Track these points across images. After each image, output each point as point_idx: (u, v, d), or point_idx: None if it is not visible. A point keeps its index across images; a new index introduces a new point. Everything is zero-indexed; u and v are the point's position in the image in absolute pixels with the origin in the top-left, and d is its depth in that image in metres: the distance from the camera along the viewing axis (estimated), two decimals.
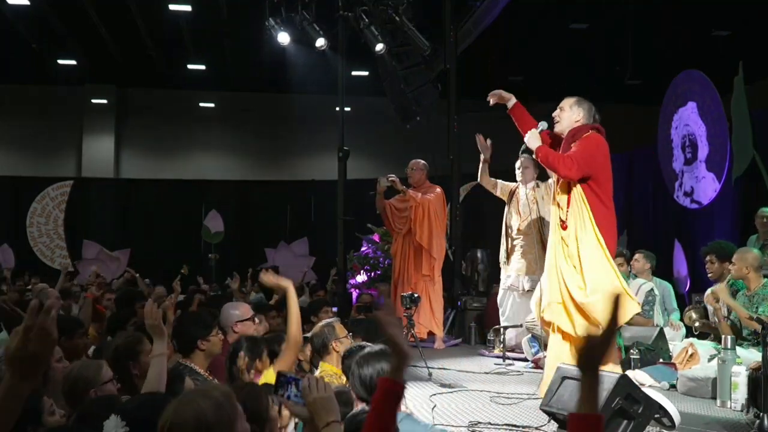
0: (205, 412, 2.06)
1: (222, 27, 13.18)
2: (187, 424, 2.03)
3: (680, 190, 9.65)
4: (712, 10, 11.21)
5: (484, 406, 4.72)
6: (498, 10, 10.06)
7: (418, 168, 8.13)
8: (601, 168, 4.91)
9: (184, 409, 2.07)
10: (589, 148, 4.88)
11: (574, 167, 4.79)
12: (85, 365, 3.31)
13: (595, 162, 4.86)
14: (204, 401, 2.09)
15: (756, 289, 5.37)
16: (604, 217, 4.88)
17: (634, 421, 3.51)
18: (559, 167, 4.85)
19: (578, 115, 5.06)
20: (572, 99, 5.15)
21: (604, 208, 4.88)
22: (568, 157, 4.85)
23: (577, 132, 5.02)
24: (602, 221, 4.86)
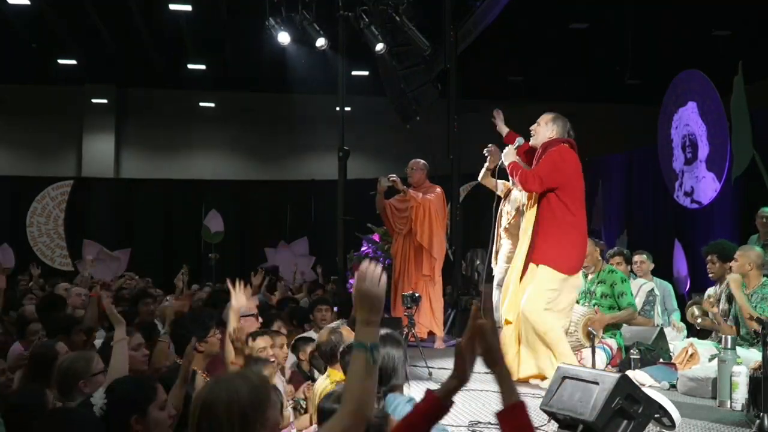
0: (239, 393, 2.08)
1: (222, 27, 13.18)
2: (221, 402, 2.05)
3: (680, 190, 9.66)
4: (712, 10, 11.21)
5: (484, 406, 4.72)
6: (498, 10, 10.06)
7: (418, 168, 8.13)
8: (568, 178, 5.29)
9: (219, 388, 2.10)
10: (553, 160, 5.27)
11: (536, 182, 5.23)
12: (76, 357, 3.38)
13: (558, 173, 5.25)
14: (240, 383, 2.12)
15: (755, 288, 5.36)
16: (571, 225, 5.28)
17: (634, 421, 3.51)
18: (521, 182, 5.30)
19: (552, 132, 5.43)
20: (549, 116, 5.52)
21: (571, 216, 5.27)
22: (530, 173, 5.28)
23: (548, 145, 5.39)
24: (569, 229, 5.26)
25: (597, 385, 3.54)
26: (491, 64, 13.55)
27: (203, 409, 2.06)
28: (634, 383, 3.69)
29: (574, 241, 5.34)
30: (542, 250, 5.24)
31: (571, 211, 5.27)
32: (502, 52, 13.37)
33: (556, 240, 5.25)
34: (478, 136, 7.06)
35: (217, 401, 2.05)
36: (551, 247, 5.24)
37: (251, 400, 2.09)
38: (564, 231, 5.25)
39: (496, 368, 1.97)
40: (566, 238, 5.27)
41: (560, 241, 5.26)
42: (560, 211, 5.24)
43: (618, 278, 6.11)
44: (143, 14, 12.55)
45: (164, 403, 2.70)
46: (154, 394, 2.68)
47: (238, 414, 2.04)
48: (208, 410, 2.05)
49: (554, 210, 5.25)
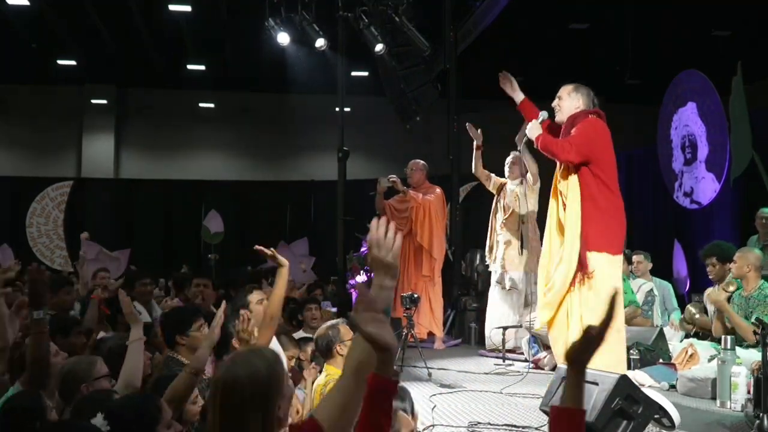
0: (259, 369, 2.10)
1: (222, 27, 13.18)
2: (242, 380, 2.07)
3: (680, 191, 9.66)
4: (712, 10, 11.21)
5: (484, 406, 4.72)
6: (498, 10, 10.05)
7: (418, 168, 8.12)
8: (602, 151, 4.88)
9: (238, 366, 2.11)
10: (587, 131, 4.87)
11: (573, 150, 4.80)
12: (78, 361, 3.35)
13: (594, 145, 4.85)
14: (257, 359, 2.14)
15: (752, 291, 5.36)
16: (610, 202, 4.85)
17: (633, 421, 3.51)
18: (557, 152, 4.87)
19: (578, 101, 5.07)
20: (570, 86, 5.17)
21: (608, 192, 4.85)
22: (566, 141, 4.85)
23: (576, 118, 5.01)
24: (608, 207, 4.83)
25: (597, 385, 3.54)
26: (491, 64, 13.49)
27: (225, 388, 2.07)
28: (633, 384, 3.68)
29: (621, 221, 4.94)
30: (593, 236, 4.80)
31: (610, 189, 4.86)
32: (502, 52, 13.36)
33: (603, 223, 4.83)
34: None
35: (239, 379, 2.07)
36: (601, 232, 4.81)
37: (270, 375, 2.11)
38: (608, 211, 4.84)
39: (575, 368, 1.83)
40: (612, 220, 4.87)
41: (608, 223, 4.85)
42: (599, 190, 4.82)
43: None
44: (143, 14, 12.55)
45: (170, 422, 2.65)
46: (159, 414, 2.61)
47: (260, 389, 2.07)
48: (231, 389, 2.06)
49: (592, 190, 4.83)
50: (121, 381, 3.37)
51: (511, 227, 7.17)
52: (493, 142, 7.11)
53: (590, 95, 5.15)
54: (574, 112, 5.03)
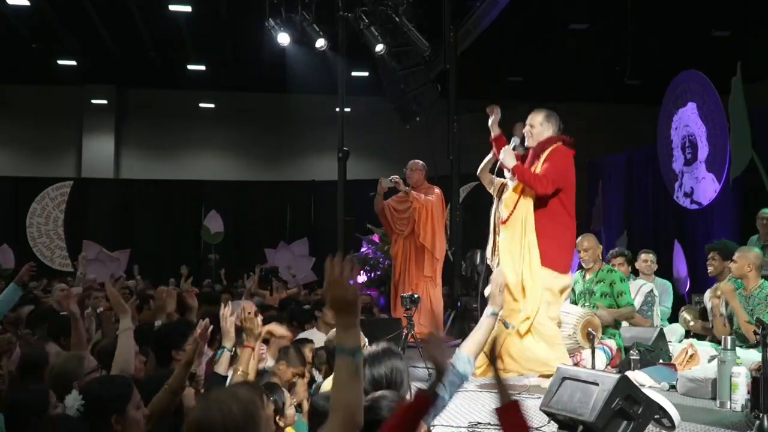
0: (232, 411, 2.09)
1: (222, 27, 13.18)
2: (215, 422, 2.06)
3: (680, 191, 9.66)
4: (712, 10, 11.21)
5: (484, 406, 4.72)
6: (497, 11, 10.06)
7: (417, 168, 8.12)
8: (570, 180, 5.42)
9: (211, 407, 2.11)
10: (560, 163, 5.37)
11: (550, 185, 5.29)
12: (68, 358, 3.39)
13: (564, 176, 5.36)
14: (231, 401, 2.13)
15: (753, 290, 5.36)
16: (568, 224, 5.42)
17: (633, 421, 3.51)
18: (535, 185, 5.31)
19: (549, 131, 5.51)
20: (541, 115, 5.55)
21: (566, 215, 5.40)
22: (543, 177, 5.30)
23: (545, 144, 5.46)
24: (563, 228, 5.38)
25: (597, 385, 3.54)
26: (491, 64, 13.54)
27: (198, 429, 2.07)
28: (633, 384, 3.68)
29: (570, 242, 5.52)
30: (543, 250, 5.31)
31: (568, 213, 5.42)
32: (502, 52, 13.36)
33: (556, 241, 5.35)
34: (478, 136, 7.05)
35: (213, 421, 2.06)
36: (550, 248, 5.32)
37: (244, 417, 2.10)
38: (561, 231, 5.39)
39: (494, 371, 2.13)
40: (564, 239, 5.42)
41: (560, 241, 5.38)
42: (558, 211, 5.36)
43: (617, 278, 6.12)
44: (143, 14, 12.55)
45: (140, 403, 2.73)
46: (130, 393, 2.70)
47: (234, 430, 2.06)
48: (200, 428, 2.06)
49: (552, 211, 5.35)
50: (114, 369, 3.43)
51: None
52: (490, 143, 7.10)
53: (557, 121, 5.58)
54: (544, 140, 5.49)
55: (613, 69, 13.19)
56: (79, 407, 2.63)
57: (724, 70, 8.62)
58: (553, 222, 5.35)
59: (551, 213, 5.36)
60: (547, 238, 5.32)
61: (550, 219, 5.36)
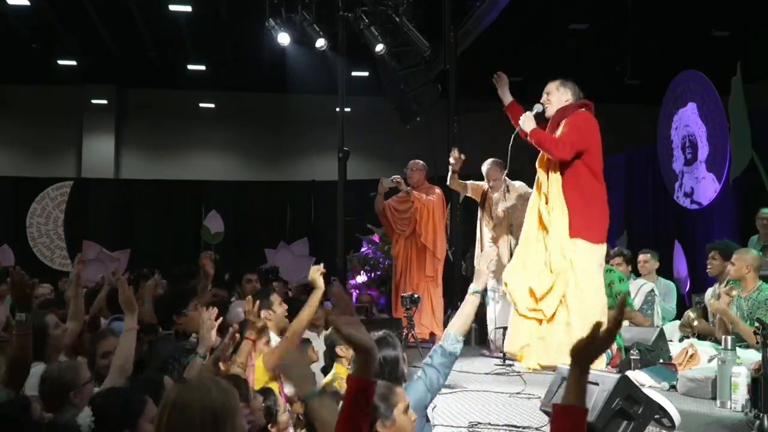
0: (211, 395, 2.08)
1: (222, 27, 13.18)
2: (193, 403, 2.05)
3: (680, 191, 9.66)
4: (712, 10, 11.21)
5: (484, 406, 4.72)
6: (497, 11, 10.06)
7: (418, 168, 8.13)
8: (592, 142, 5.17)
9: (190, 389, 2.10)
10: (578, 125, 5.12)
11: (567, 148, 5.03)
12: (63, 367, 3.33)
13: (585, 138, 5.12)
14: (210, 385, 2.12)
15: (751, 291, 5.36)
16: (595, 191, 5.13)
17: (634, 421, 3.51)
18: (552, 149, 5.07)
19: (566, 95, 5.32)
20: (556, 81, 5.40)
21: (594, 181, 5.13)
22: (560, 140, 5.06)
23: (565, 110, 5.25)
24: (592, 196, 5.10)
25: (597, 385, 3.54)
26: (491, 64, 13.51)
27: (174, 409, 2.05)
28: (634, 384, 3.68)
29: (602, 211, 5.18)
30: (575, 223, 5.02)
31: (597, 178, 5.14)
32: (502, 52, 13.36)
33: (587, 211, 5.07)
34: (478, 136, 7.07)
35: (191, 402, 2.05)
36: (583, 218, 5.03)
37: (222, 403, 2.09)
38: (592, 200, 5.09)
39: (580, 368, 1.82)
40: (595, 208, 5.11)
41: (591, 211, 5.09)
42: (586, 178, 5.09)
43: (616, 278, 6.11)
44: (143, 14, 12.55)
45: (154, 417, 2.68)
46: (143, 407, 2.64)
47: (210, 415, 2.04)
48: (181, 411, 2.04)
49: (580, 179, 5.08)
50: (114, 367, 3.42)
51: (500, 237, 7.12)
52: (492, 142, 7.10)
53: (576, 88, 5.39)
54: (563, 105, 5.27)
55: (613, 69, 13.19)
56: (90, 423, 2.57)
57: (724, 70, 8.62)
58: (581, 190, 5.07)
59: (578, 180, 5.08)
60: (578, 207, 5.04)
61: (578, 188, 5.07)
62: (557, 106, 5.28)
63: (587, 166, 5.09)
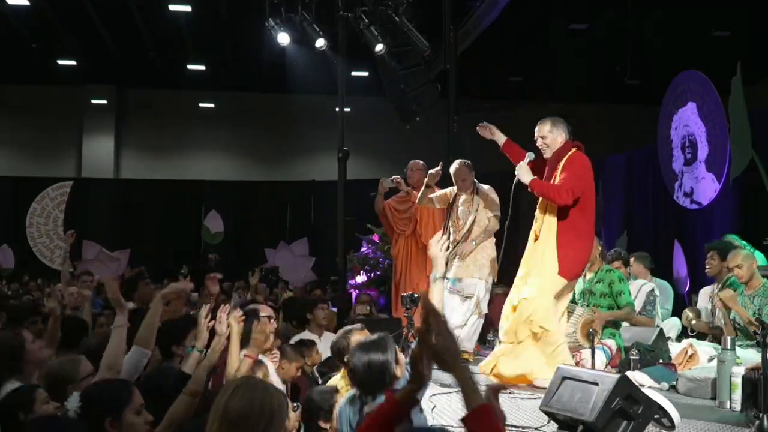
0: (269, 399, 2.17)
1: (222, 27, 13.18)
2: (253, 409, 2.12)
3: (680, 191, 9.65)
4: (712, 10, 11.22)
5: None
6: (498, 11, 10.06)
7: (418, 168, 8.12)
8: (588, 186, 5.28)
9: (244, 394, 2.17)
10: (577, 171, 5.22)
11: (570, 196, 5.13)
12: (64, 362, 3.37)
13: (583, 182, 5.23)
14: (266, 390, 2.21)
15: (756, 289, 5.37)
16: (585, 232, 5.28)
17: (633, 421, 3.51)
18: (555, 198, 5.17)
19: (560, 136, 5.35)
20: (547, 123, 5.39)
21: (585, 223, 5.26)
22: (562, 188, 5.16)
23: (560, 153, 5.31)
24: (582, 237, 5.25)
25: (596, 385, 3.54)
26: (491, 64, 13.55)
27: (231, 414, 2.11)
28: (633, 384, 3.68)
29: (585, 248, 5.35)
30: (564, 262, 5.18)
31: (586, 219, 5.27)
32: (502, 52, 13.37)
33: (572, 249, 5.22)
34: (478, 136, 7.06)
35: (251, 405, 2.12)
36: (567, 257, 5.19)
37: (279, 405, 2.19)
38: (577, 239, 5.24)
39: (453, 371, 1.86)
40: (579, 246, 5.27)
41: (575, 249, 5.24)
42: (577, 219, 5.22)
43: (616, 277, 6.10)
44: (143, 14, 12.55)
45: (141, 408, 2.72)
46: (129, 398, 2.70)
47: (268, 417, 2.12)
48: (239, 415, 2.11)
49: (572, 219, 5.21)
50: (103, 364, 3.43)
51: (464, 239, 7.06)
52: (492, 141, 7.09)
53: (566, 126, 5.43)
54: (559, 147, 5.33)
55: (613, 69, 13.20)
56: (76, 409, 2.64)
57: (724, 70, 8.62)
58: (574, 233, 5.21)
59: (572, 224, 5.22)
60: (566, 248, 5.19)
61: (572, 230, 5.22)
62: (554, 149, 5.34)
63: (581, 211, 5.22)
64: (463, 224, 6.96)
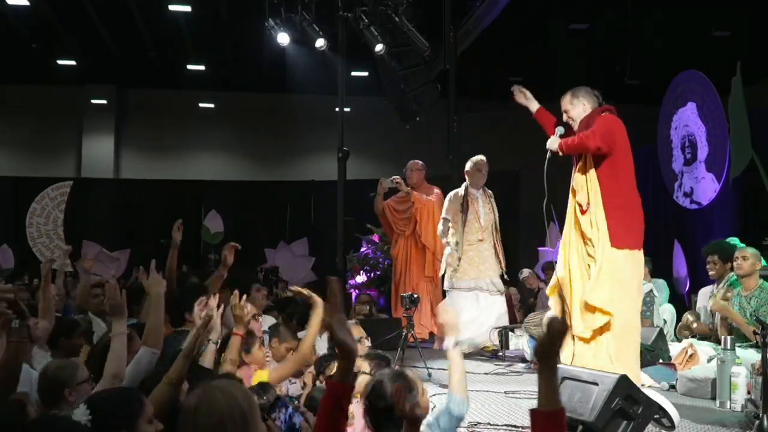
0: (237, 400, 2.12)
1: (222, 27, 13.18)
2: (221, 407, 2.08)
3: (680, 191, 9.65)
4: (712, 10, 11.21)
5: (483, 407, 4.72)
6: (498, 11, 10.06)
7: (417, 169, 8.13)
8: (621, 144, 4.95)
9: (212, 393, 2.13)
10: (605, 124, 4.92)
11: (597, 137, 4.83)
12: (61, 365, 3.31)
13: (613, 137, 4.90)
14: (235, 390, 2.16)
15: (752, 290, 5.36)
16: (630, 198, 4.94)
17: (633, 421, 3.51)
18: (585, 143, 4.86)
19: (583, 105, 5.13)
20: (567, 95, 5.24)
21: (628, 188, 4.94)
22: (587, 133, 4.88)
23: (588, 119, 5.04)
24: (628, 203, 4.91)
25: (596, 385, 3.54)
26: (491, 64, 13.54)
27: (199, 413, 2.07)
28: (633, 384, 3.68)
29: (639, 217, 5.03)
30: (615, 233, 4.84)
31: (630, 184, 4.99)
32: (502, 52, 13.36)
33: (625, 220, 4.91)
34: (478, 137, 7.07)
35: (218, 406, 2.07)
36: (623, 229, 4.87)
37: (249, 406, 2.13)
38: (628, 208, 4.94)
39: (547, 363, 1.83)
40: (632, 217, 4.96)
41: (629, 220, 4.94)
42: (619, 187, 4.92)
43: None
44: (143, 14, 12.55)
45: (152, 417, 2.67)
46: (141, 407, 2.64)
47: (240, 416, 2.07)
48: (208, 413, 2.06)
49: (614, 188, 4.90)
50: (107, 373, 3.35)
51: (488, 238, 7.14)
52: (492, 141, 7.10)
53: (591, 93, 5.20)
54: (586, 114, 5.07)
55: (613, 69, 13.19)
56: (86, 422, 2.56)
57: (724, 70, 8.62)
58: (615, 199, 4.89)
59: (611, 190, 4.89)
60: (614, 216, 4.86)
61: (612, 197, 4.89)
62: (580, 118, 5.09)
63: (616, 172, 4.90)
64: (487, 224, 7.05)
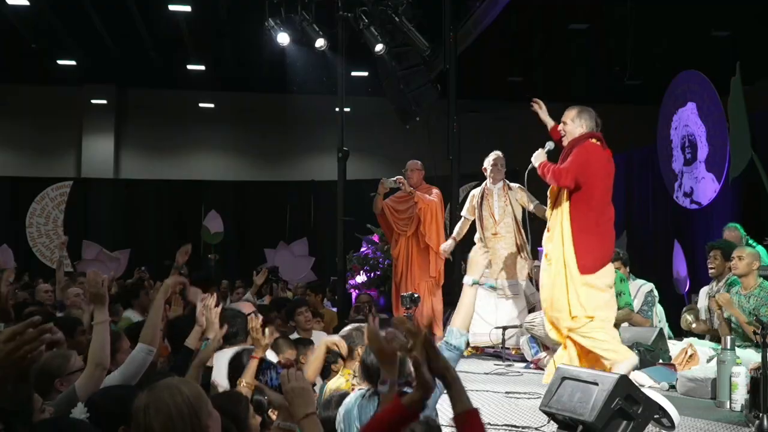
0: (182, 390, 2.08)
1: (222, 27, 13.18)
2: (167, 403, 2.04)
3: (680, 191, 9.65)
4: (712, 10, 11.22)
5: (483, 407, 4.72)
6: (497, 11, 10.06)
7: (416, 169, 8.12)
8: (595, 175, 5.06)
9: (160, 390, 2.09)
10: (581, 156, 5.06)
11: (569, 177, 5.00)
12: (53, 355, 3.29)
13: (588, 169, 5.03)
14: (182, 386, 2.12)
15: (752, 289, 5.35)
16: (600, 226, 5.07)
17: (633, 421, 3.51)
18: (555, 179, 5.07)
19: (581, 127, 5.22)
20: (574, 110, 5.28)
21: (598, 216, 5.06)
22: (563, 169, 5.05)
23: (575, 142, 5.18)
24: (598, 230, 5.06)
25: (596, 385, 3.54)
26: (491, 64, 13.55)
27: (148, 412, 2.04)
28: (633, 384, 3.69)
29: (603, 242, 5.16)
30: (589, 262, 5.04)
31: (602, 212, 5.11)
32: (502, 52, 13.37)
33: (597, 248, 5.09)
34: (478, 137, 7.08)
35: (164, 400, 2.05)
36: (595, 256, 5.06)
37: (195, 394, 2.10)
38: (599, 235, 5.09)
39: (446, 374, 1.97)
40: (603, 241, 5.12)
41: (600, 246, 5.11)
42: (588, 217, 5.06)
43: (617, 278, 6.10)
44: (143, 14, 12.56)
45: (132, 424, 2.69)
46: None
47: (187, 408, 2.04)
48: (156, 411, 2.03)
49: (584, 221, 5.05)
50: (90, 362, 3.32)
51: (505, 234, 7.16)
52: (492, 141, 7.11)
53: (594, 118, 5.28)
54: (576, 137, 5.18)
55: (613, 69, 13.20)
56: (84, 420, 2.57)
57: (724, 70, 8.62)
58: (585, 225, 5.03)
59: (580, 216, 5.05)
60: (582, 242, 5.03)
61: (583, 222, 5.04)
62: (570, 137, 5.20)
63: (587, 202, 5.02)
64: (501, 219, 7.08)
